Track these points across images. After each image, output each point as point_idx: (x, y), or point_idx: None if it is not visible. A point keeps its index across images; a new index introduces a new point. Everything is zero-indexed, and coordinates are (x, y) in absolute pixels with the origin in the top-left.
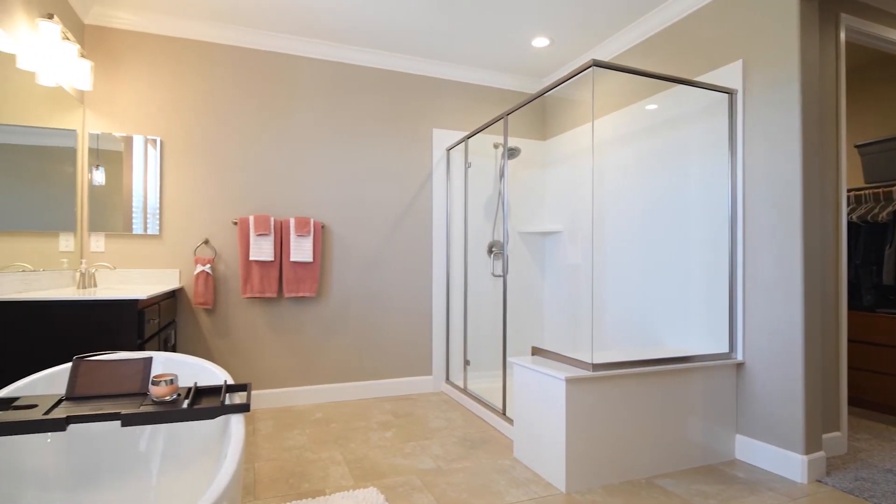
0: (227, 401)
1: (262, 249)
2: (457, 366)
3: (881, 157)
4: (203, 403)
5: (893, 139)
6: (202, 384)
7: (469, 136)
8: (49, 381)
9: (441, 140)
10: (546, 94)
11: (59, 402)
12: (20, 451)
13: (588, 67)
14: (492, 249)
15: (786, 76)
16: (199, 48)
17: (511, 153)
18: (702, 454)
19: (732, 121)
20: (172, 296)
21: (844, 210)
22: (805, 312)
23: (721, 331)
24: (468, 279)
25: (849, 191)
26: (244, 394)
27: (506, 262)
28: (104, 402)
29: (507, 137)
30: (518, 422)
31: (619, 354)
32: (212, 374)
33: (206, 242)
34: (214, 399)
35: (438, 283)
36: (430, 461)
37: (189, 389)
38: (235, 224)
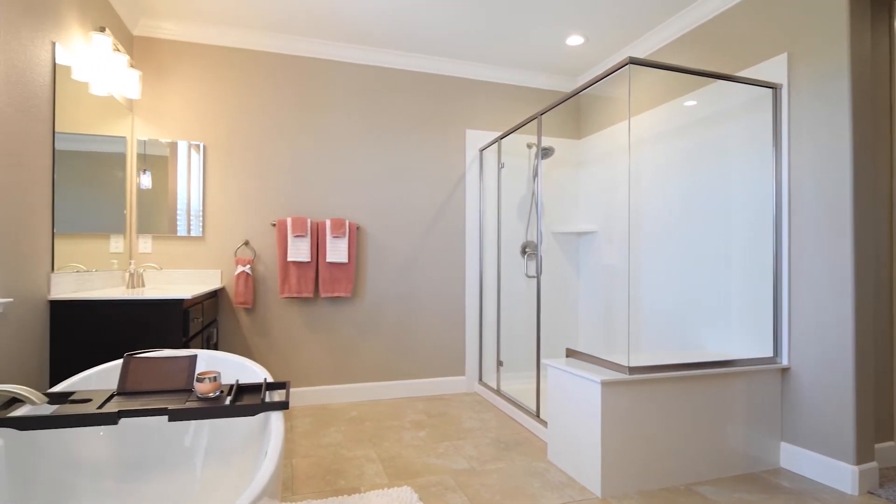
0: (267, 398)
1: (300, 250)
2: (490, 367)
3: None
4: (244, 400)
5: None
6: (243, 381)
7: (502, 137)
8: (102, 377)
9: (474, 141)
10: (580, 93)
11: (111, 397)
12: (76, 442)
13: (624, 65)
14: (525, 250)
15: (835, 69)
16: (240, 56)
17: (545, 153)
18: (744, 462)
19: (777, 116)
20: (214, 295)
21: None
22: (856, 315)
23: (765, 334)
24: (501, 280)
25: None
26: (283, 391)
27: (539, 263)
28: (152, 398)
29: (541, 137)
30: (552, 424)
31: (657, 357)
32: (252, 372)
33: (247, 244)
34: (255, 396)
35: (471, 284)
36: (464, 461)
37: (231, 386)
38: (274, 226)
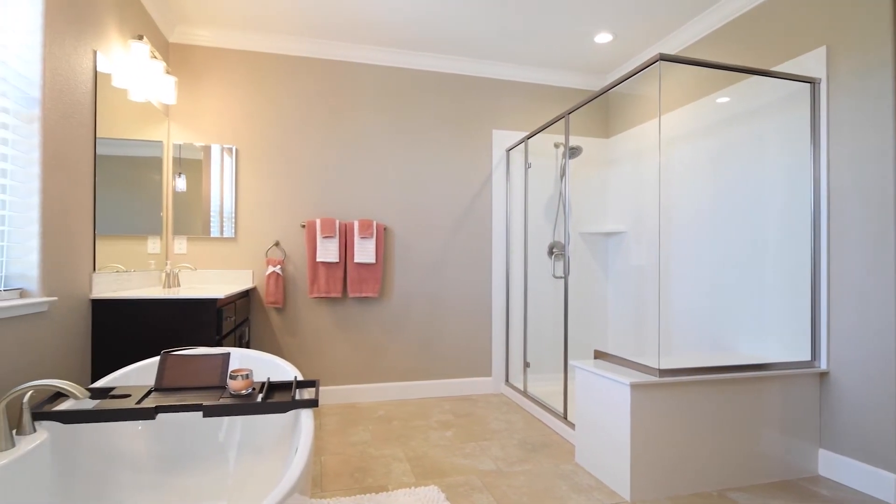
0: (297, 396)
1: (328, 251)
2: (516, 368)
3: None
4: (275, 398)
5: None
6: (274, 379)
7: (529, 136)
8: (140, 373)
9: (501, 141)
10: (609, 91)
11: (149, 393)
12: (116, 436)
13: (655, 62)
14: (552, 250)
15: (877, 62)
16: (271, 60)
17: (573, 152)
18: (780, 468)
19: (815, 112)
20: (246, 295)
21: None
22: None
23: (802, 337)
24: (528, 281)
25: None
26: (313, 390)
27: (567, 264)
28: (187, 394)
29: (569, 136)
30: (580, 426)
31: (688, 360)
32: (282, 370)
33: (277, 244)
34: (286, 394)
35: (498, 285)
36: (491, 462)
37: (263, 384)
38: (303, 227)
